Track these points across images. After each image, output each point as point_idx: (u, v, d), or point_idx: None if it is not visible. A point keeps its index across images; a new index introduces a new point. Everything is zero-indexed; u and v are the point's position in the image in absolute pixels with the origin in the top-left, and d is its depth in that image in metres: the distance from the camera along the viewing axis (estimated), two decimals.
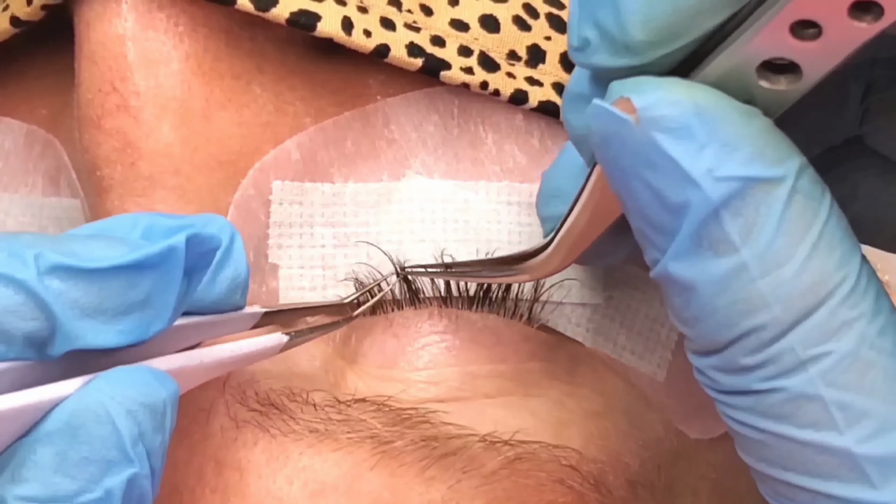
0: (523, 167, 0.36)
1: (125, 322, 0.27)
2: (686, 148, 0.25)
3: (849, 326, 0.25)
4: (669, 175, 0.25)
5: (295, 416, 0.33)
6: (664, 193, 0.25)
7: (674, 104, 0.25)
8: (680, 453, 0.37)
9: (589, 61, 0.27)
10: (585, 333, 0.35)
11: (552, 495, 0.33)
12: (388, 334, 0.35)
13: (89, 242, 0.27)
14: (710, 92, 0.26)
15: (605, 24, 0.26)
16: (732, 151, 0.25)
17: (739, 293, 0.25)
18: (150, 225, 0.29)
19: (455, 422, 0.33)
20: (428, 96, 0.36)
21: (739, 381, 0.26)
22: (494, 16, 0.36)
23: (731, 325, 0.26)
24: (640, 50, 0.26)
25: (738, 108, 0.26)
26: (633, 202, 0.26)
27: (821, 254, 0.25)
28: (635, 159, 0.26)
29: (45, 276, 0.26)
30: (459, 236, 0.35)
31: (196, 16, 0.34)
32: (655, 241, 0.26)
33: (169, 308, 0.28)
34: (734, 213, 0.25)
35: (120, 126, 0.33)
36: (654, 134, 0.25)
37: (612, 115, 0.26)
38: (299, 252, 0.35)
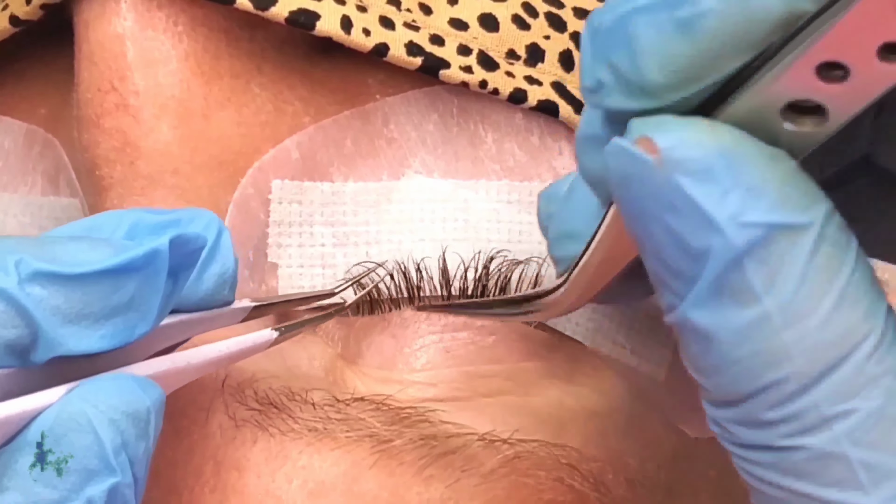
0: (523, 165, 0.36)
1: (108, 326, 0.27)
2: (710, 192, 0.24)
3: (875, 383, 0.24)
4: (691, 219, 0.24)
5: (294, 415, 0.33)
6: (685, 238, 0.24)
7: (697, 146, 0.24)
8: (680, 452, 0.37)
9: (603, 103, 0.26)
10: (585, 332, 0.35)
11: (551, 494, 0.33)
12: (386, 335, 0.35)
13: (72, 245, 0.27)
14: (734, 133, 0.24)
15: (619, 66, 0.25)
16: (758, 197, 0.24)
17: (761, 344, 0.24)
18: (135, 222, 0.29)
19: (454, 421, 0.33)
20: (427, 95, 0.36)
21: (760, 435, 0.25)
22: (493, 15, 0.36)
23: (753, 377, 0.24)
24: (657, 93, 0.25)
25: (763, 150, 0.24)
26: (652, 246, 0.25)
27: (846, 305, 0.24)
28: (656, 202, 0.25)
29: (25, 283, 0.26)
30: (459, 235, 0.35)
31: (195, 15, 0.34)
32: (673, 287, 0.25)
33: (153, 311, 0.28)
34: (758, 261, 0.24)
35: (119, 125, 0.33)
36: (677, 176, 0.24)
37: (633, 155, 0.25)
38: (299, 251, 0.35)
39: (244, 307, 0.32)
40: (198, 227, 0.29)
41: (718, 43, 0.24)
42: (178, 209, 0.30)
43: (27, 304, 0.26)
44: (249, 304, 0.32)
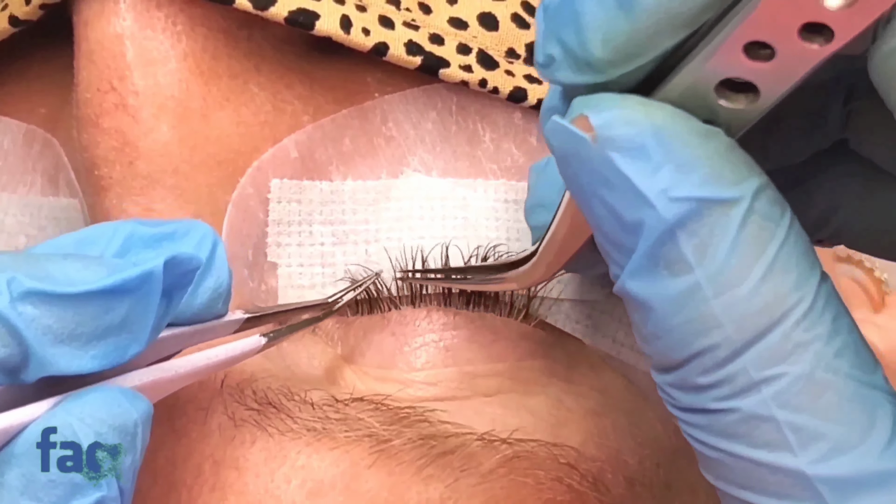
0: (521, 165, 0.36)
1: (100, 347, 0.27)
2: (641, 168, 0.25)
3: (804, 348, 0.25)
4: (625, 194, 0.25)
5: (293, 414, 0.33)
6: (620, 212, 0.26)
7: (631, 123, 0.25)
8: (678, 451, 0.37)
9: (553, 77, 0.27)
10: (584, 330, 0.35)
11: (550, 494, 0.33)
12: (385, 333, 0.35)
13: (65, 263, 0.27)
14: (668, 111, 0.26)
15: (567, 42, 0.26)
16: (688, 172, 0.25)
17: (693, 312, 0.25)
18: (129, 235, 0.29)
19: (453, 420, 0.33)
20: (426, 94, 0.36)
21: (695, 399, 0.26)
22: (493, 14, 0.36)
23: (686, 343, 0.25)
24: (601, 68, 0.26)
25: (696, 128, 0.26)
26: (593, 219, 0.26)
27: (776, 275, 0.25)
28: (592, 178, 0.26)
29: (17, 302, 0.25)
30: (458, 233, 0.35)
31: (194, 15, 0.34)
32: (615, 258, 0.26)
33: (146, 331, 0.27)
34: (689, 233, 0.25)
35: (118, 125, 0.33)
36: (610, 153, 0.25)
37: (570, 132, 0.26)
38: (298, 250, 0.35)
39: (237, 319, 0.31)
40: (193, 240, 0.29)
41: (655, 20, 0.25)
42: (173, 220, 0.30)
43: (18, 323, 0.25)
44: (242, 315, 0.32)
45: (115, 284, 0.26)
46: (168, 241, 0.29)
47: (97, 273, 0.27)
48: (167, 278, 0.27)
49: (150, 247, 0.28)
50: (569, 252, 0.31)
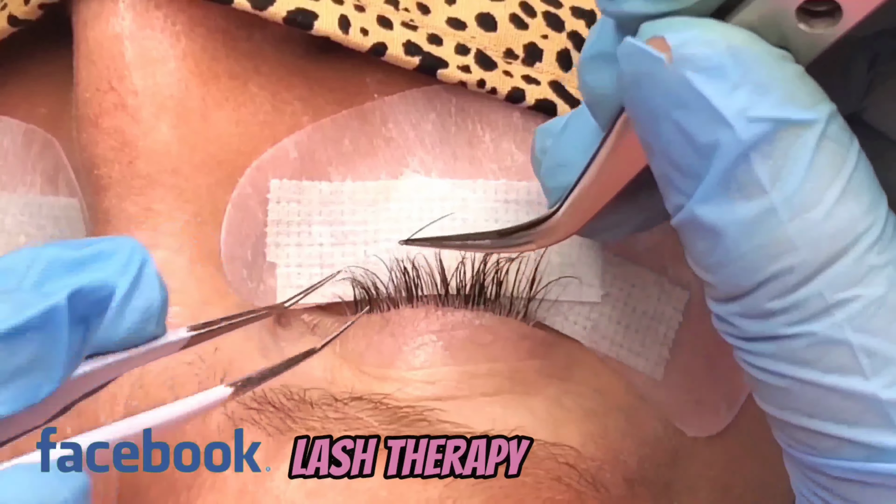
0: (521, 165, 0.36)
1: (9, 390, 0.24)
2: (719, 87, 0.25)
3: (877, 272, 0.25)
4: (701, 115, 0.25)
5: (292, 414, 0.33)
6: (694, 134, 0.25)
7: (708, 43, 0.25)
8: (678, 451, 0.37)
9: (621, 9, 0.26)
10: (583, 332, 0.35)
11: (549, 493, 0.33)
12: (384, 333, 0.35)
13: None
14: (744, 34, 0.25)
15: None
16: (765, 93, 0.25)
17: (767, 236, 0.25)
18: (51, 261, 0.26)
19: (452, 420, 0.33)
20: (426, 94, 0.36)
21: (763, 326, 0.26)
22: (491, 14, 0.36)
23: (758, 268, 0.25)
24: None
25: (771, 51, 0.25)
26: (661, 144, 0.26)
27: (849, 199, 0.25)
28: (666, 98, 0.25)
29: None
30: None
31: (193, 15, 0.34)
32: (681, 185, 0.26)
33: (58, 368, 0.25)
34: (764, 154, 0.25)
35: (118, 125, 0.33)
36: (687, 72, 0.25)
37: (645, 53, 0.25)
38: (297, 250, 0.35)
39: (180, 338, 0.29)
40: (118, 261, 0.27)
41: None
42: (100, 239, 0.28)
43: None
44: (186, 334, 0.29)
45: (16, 325, 0.24)
46: (91, 264, 0.27)
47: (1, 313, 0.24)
48: (80, 308, 0.25)
49: (71, 271, 0.26)
50: (596, 207, 0.31)
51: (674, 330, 0.37)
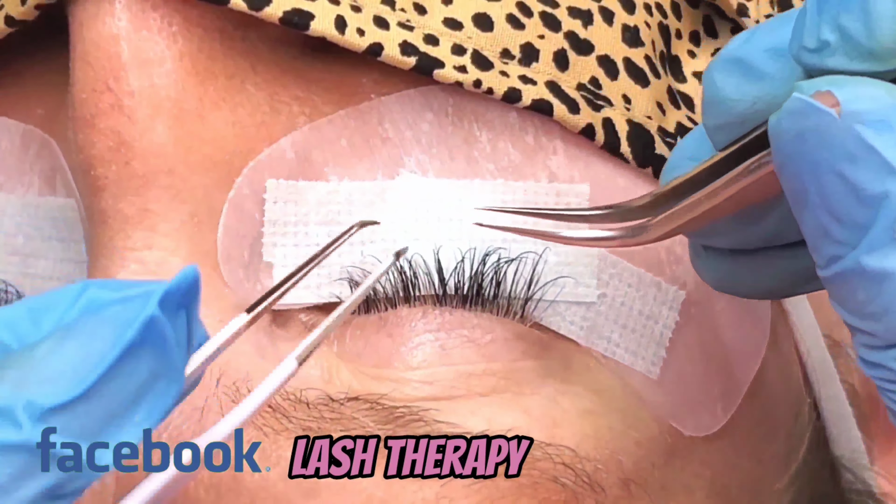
0: (518, 165, 0.36)
1: (141, 408, 0.25)
2: (888, 140, 0.26)
3: None
4: (870, 166, 0.26)
5: (288, 413, 0.33)
6: (862, 185, 0.26)
7: (875, 99, 0.26)
8: (674, 451, 0.37)
9: (823, 63, 0.27)
10: (579, 332, 0.35)
11: (546, 493, 0.33)
12: (382, 333, 0.35)
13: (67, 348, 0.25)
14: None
15: (850, 30, 0.26)
16: None
17: None
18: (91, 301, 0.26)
19: (448, 420, 0.33)
20: (422, 94, 0.36)
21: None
22: (488, 14, 0.36)
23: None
24: (885, 57, 0.26)
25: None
26: (822, 196, 0.27)
27: None
28: (833, 152, 0.26)
29: (39, 423, 0.24)
30: (454, 235, 0.35)
31: (190, 15, 0.34)
32: (841, 237, 0.27)
33: (178, 367, 0.26)
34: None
35: (114, 126, 0.33)
36: (857, 126, 0.26)
37: (815, 108, 0.26)
38: (294, 251, 0.35)
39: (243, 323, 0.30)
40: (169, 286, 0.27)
41: None
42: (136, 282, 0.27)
43: (53, 441, 0.24)
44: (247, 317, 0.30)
45: (122, 352, 0.25)
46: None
47: (103, 342, 0.25)
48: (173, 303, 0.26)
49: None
50: (704, 221, 0.31)
51: (670, 330, 0.37)
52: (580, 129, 0.35)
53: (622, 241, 0.33)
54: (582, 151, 0.36)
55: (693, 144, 0.33)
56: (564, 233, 0.33)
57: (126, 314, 0.25)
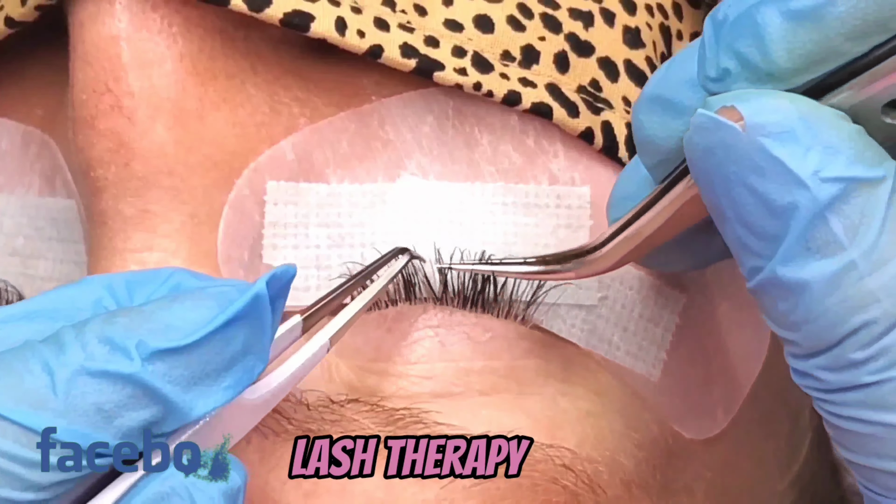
0: (518, 168, 0.36)
1: (230, 376, 0.28)
2: (792, 151, 0.26)
3: None
4: (777, 178, 0.26)
5: (288, 415, 0.33)
6: (771, 197, 0.26)
7: (777, 110, 0.26)
8: (675, 453, 0.37)
9: (728, 90, 0.27)
10: (580, 334, 0.35)
11: (546, 495, 0.33)
12: (382, 329, 0.35)
13: (177, 306, 0.28)
14: (805, 100, 0.27)
15: (746, 55, 0.27)
16: (835, 154, 0.26)
17: (849, 291, 0.26)
18: (178, 284, 0.30)
19: (448, 422, 0.33)
20: (423, 97, 0.36)
21: (849, 376, 0.26)
22: (489, 16, 0.36)
23: (842, 322, 0.26)
24: (785, 77, 0.27)
25: (834, 113, 0.27)
26: (735, 210, 0.27)
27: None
28: (740, 165, 0.26)
29: (148, 363, 0.27)
30: (455, 237, 0.35)
31: (190, 16, 0.34)
32: (758, 249, 0.27)
33: (266, 348, 0.29)
34: (839, 213, 0.26)
35: (114, 126, 0.33)
36: (761, 139, 0.26)
37: (719, 122, 0.27)
38: (294, 252, 0.35)
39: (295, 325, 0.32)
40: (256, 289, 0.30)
41: (847, 27, 0.26)
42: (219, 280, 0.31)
43: (155, 383, 0.27)
44: (300, 318, 0.32)
45: (229, 318, 0.28)
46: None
47: (208, 309, 0.28)
48: (271, 292, 0.29)
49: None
50: (650, 246, 0.32)
51: (671, 333, 0.37)
52: (579, 132, 0.35)
53: (577, 274, 0.33)
54: (582, 154, 0.36)
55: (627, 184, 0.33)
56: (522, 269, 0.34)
57: (229, 292, 0.29)
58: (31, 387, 0.26)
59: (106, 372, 0.27)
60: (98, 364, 0.27)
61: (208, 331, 0.28)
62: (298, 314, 0.32)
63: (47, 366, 0.27)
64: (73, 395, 0.26)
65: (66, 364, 0.27)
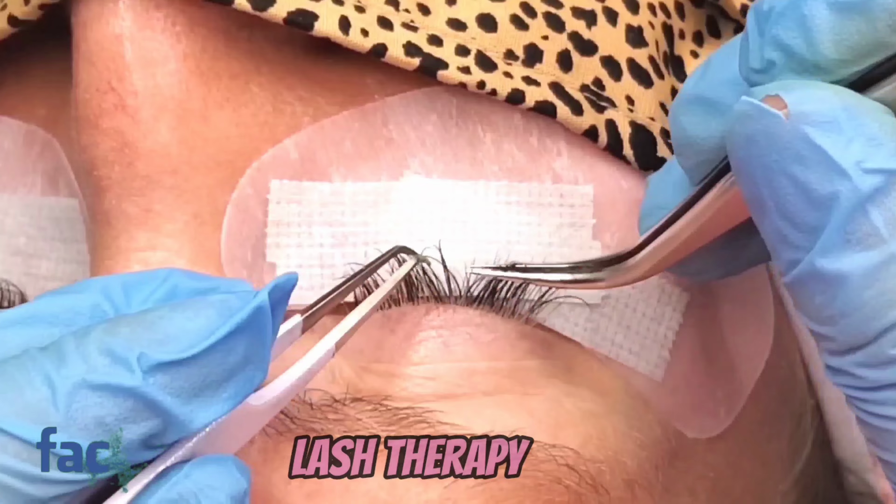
0: (522, 166, 0.36)
1: (230, 387, 0.28)
2: (835, 141, 0.26)
3: None
4: (819, 167, 0.26)
5: (291, 415, 0.33)
6: (812, 186, 0.26)
7: (822, 100, 0.26)
8: (678, 453, 0.37)
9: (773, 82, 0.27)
10: (583, 333, 0.35)
11: (549, 495, 0.33)
12: (385, 330, 0.35)
13: (177, 316, 0.28)
14: (849, 92, 0.27)
15: (792, 47, 0.27)
16: (878, 145, 0.26)
17: (889, 284, 0.26)
18: (175, 285, 0.30)
19: (452, 421, 0.33)
20: (427, 96, 0.36)
21: (887, 374, 0.26)
22: (492, 15, 0.36)
23: (880, 316, 0.26)
24: (830, 69, 0.27)
25: (877, 106, 0.26)
26: (776, 200, 0.27)
27: None
28: (783, 154, 0.26)
29: (149, 375, 0.27)
30: (458, 236, 0.35)
31: (194, 16, 0.34)
32: (797, 240, 0.27)
33: (266, 358, 0.29)
34: (880, 206, 0.26)
35: (117, 126, 0.33)
36: (805, 127, 0.26)
37: (763, 110, 0.26)
38: (297, 251, 0.35)
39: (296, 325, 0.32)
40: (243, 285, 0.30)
41: (895, 20, 0.26)
42: (215, 278, 0.31)
43: (155, 396, 0.27)
44: (300, 319, 0.32)
45: (231, 330, 0.28)
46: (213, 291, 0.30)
47: (209, 318, 0.28)
48: (272, 301, 0.29)
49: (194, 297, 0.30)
50: (684, 253, 0.32)
51: (674, 331, 0.37)
52: (583, 130, 0.35)
53: (608, 284, 0.33)
54: (586, 153, 0.36)
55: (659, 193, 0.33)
56: (552, 277, 0.34)
57: (230, 301, 0.28)
58: (31, 400, 0.26)
59: (107, 385, 0.26)
60: (99, 377, 0.27)
61: (210, 343, 0.28)
62: (299, 314, 0.32)
63: (48, 378, 0.26)
64: (74, 409, 0.26)
65: (67, 376, 0.26)
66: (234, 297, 0.29)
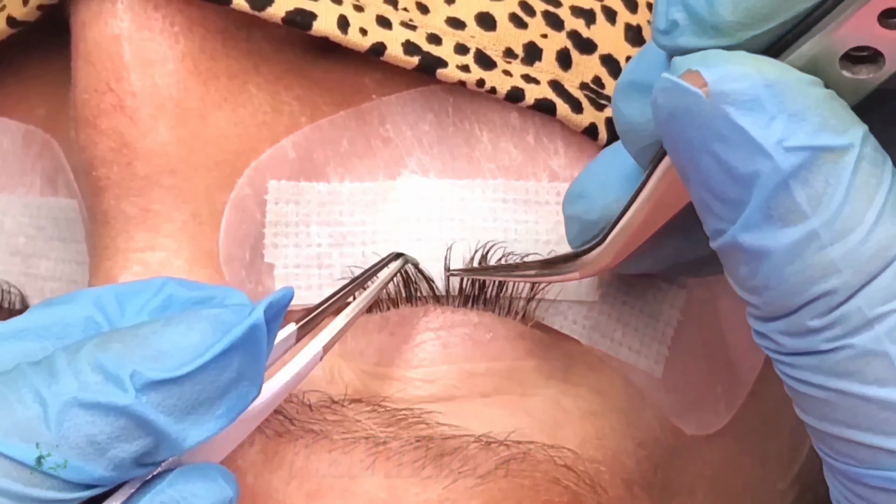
0: (519, 165, 0.36)
1: (223, 404, 0.28)
2: (756, 119, 0.25)
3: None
4: (740, 146, 0.26)
5: (290, 416, 0.33)
6: (733, 165, 0.26)
7: (743, 77, 0.26)
8: (676, 451, 0.37)
9: (675, 43, 0.27)
10: (581, 330, 0.35)
11: (548, 495, 0.33)
12: (384, 332, 0.35)
13: (170, 332, 0.28)
14: (775, 64, 0.26)
15: (694, 6, 0.26)
16: (801, 122, 0.25)
17: (810, 260, 0.26)
18: (170, 295, 0.30)
19: (450, 422, 0.33)
20: (423, 95, 0.36)
21: (805, 342, 0.26)
22: (491, 13, 0.36)
23: (802, 290, 0.26)
24: (730, 31, 0.26)
25: (801, 78, 0.26)
26: (700, 176, 0.27)
27: (886, 219, 0.25)
28: (704, 132, 0.26)
29: (142, 394, 0.27)
30: (455, 235, 0.35)
31: (192, 16, 0.34)
32: (721, 213, 0.27)
33: (260, 375, 0.29)
34: (803, 182, 0.25)
35: (116, 126, 0.33)
36: (725, 107, 0.26)
37: (682, 88, 0.26)
38: (295, 251, 0.35)
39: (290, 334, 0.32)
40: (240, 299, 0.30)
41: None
42: (210, 286, 0.31)
43: (148, 415, 0.27)
44: (294, 328, 0.32)
45: (226, 348, 0.28)
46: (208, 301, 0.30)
47: (202, 333, 0.28)
48: (270, 313, 0.29)
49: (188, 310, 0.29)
50: (642, 238, 0.32)
51: (672, 328, 0.37)
52: (583, 128, 0.35)
53: (581, 274, 0.33)
54: (584, 151, 0.36)
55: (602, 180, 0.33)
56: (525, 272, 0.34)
57: (223, 315, 0.28)
58: (22, 417, 0.26)
59: (99, 404, 0.26)
60: (91, 395, 0.26)
61: (204, 360, 0.27)
62: (294, 323, 0.32)
63: (39, 395, 0.26)
64: (66, 427, 0.26)
65: (59, 394, 0.26)
66: (229, 312, 0.28)
